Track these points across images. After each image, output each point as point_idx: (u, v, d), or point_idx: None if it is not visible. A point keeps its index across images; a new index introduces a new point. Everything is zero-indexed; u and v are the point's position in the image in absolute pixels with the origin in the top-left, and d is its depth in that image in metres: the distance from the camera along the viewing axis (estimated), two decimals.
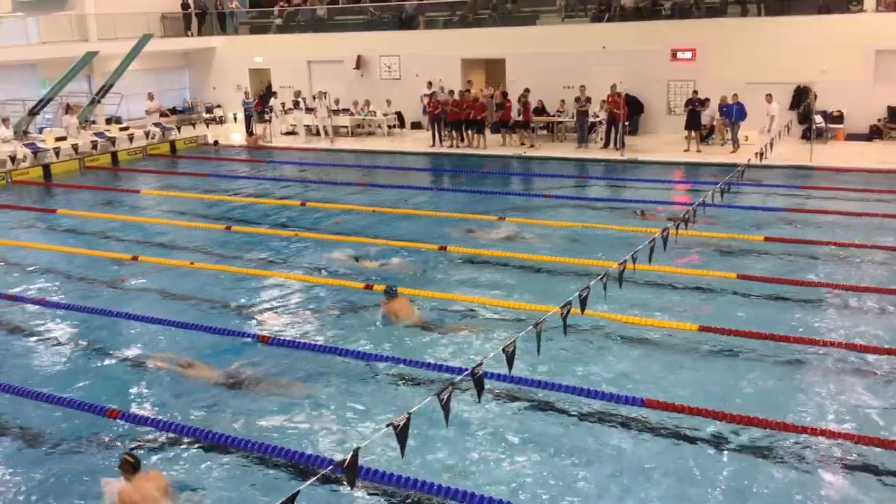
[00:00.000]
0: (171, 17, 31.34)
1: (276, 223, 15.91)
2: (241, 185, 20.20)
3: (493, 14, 26.92)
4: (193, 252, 13.95)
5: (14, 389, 8.79)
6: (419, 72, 26.50)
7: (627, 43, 23.67)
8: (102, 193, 19.72)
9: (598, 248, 13.23)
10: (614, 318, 9.99)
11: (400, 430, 5.23)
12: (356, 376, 8.95)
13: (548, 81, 24.34)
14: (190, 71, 32.44)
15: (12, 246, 14.89)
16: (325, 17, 30.12)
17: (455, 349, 9.53)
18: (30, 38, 27.18)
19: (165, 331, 10.36)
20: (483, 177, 20.13)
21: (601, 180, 19.27)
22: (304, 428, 7.90)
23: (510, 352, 6.47)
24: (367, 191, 18.84)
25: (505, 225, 14.92)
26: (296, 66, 29.18)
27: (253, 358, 9.48)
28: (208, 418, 8.13)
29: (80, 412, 8.25)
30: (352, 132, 26.99)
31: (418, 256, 13.24)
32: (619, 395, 8.03)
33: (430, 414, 7.15)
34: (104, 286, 12.41)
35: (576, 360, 9.08)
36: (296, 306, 11.23)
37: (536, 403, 8.16)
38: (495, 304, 10.81)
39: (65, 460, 7.47)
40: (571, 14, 26.02)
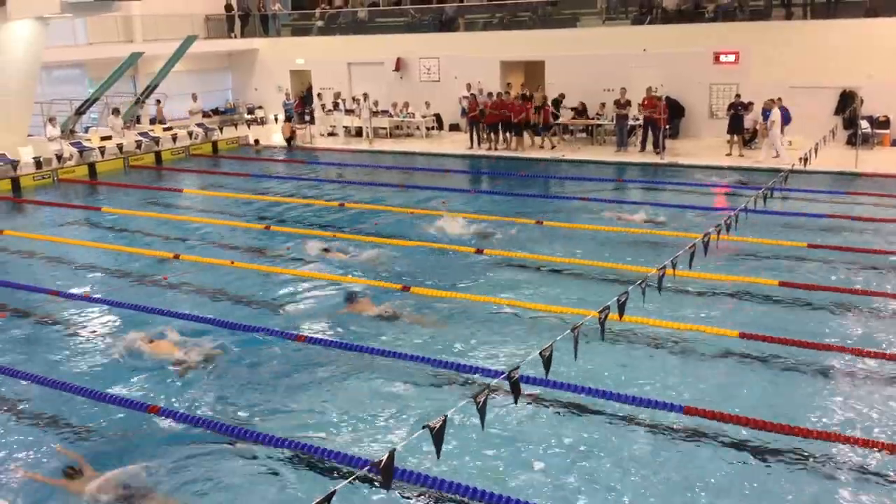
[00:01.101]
0: (214, 18, 31.79)
1: (314, 223, 16.03)
2: (280, 186, 20.40)
3: (532, 16, 26.85)
4: (234, 251, 14.11)
5: (58, 384, 8.98)
6: (458, 74, 26.54)
7: (669, 45, 23.44)
8: (146, 192, 20.06)
9: (637, 252, 13.12)
10: (653, 323, 9.89)
11: (436, 432, 5.24)
12: (392, 376, 8.97)
13: (587, 84, 24.21)
14: (232, 72, 32.85)
15: (58, 242, 15.20)
16: (365, 20, 30.30)
17: (492, 352, 9.51)
18: (77, 39, 27.78)
19: (206, 329, 10.49)
20: (521, 179, 20.07)
21: (640, 184, 19.10)
22: (341, 428, 7.95)
23: (547, 356, 6.44)
24: (405, 192, 18.89)
25: (542, 228, 14.87)
26: (336, 68, 29.40)
27: (290, 356, 9.57)
28: (245, 416, 8.22)
29: (122, 408, 8.40)
30: (390, 133, 27.11)
31: (455, 259, 13.25)
32: (658, 402, 7.94)
33: (466, 416, 7.17)
34: (147, 283, 12.61)
35: (613, 366, 9.02)
36: (332, 306, 11.29)
37: (572, 408, 8.11)
38: (533, 308, 10.77)
39: (105, 455, 7.59)
40: (612, 16, 25.85)
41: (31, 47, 21.40)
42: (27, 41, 21.21)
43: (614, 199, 17.48)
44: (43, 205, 18.83)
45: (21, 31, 20.93)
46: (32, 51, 21.51)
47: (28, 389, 8.99)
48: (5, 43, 20.76)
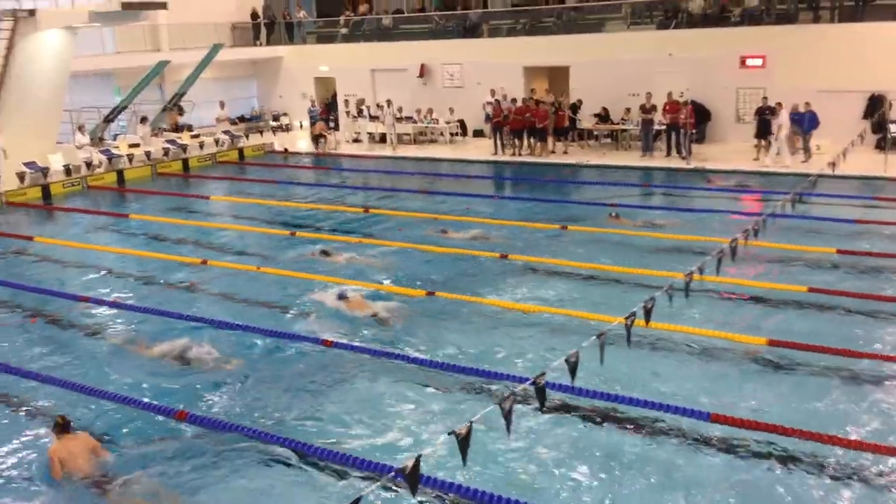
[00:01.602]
0: (240, 27, 32.09)
1: (339, 229, 16.09)
2: (305, 192, 20.52)
3: (557, 22, 26.81)
4: (259, 257, 14.20)
5: (87, 389, 9.07)
6: (482, 80, 26.55)
7: (695, 50, 23.29)
8: (173, 199, 20.26)
9: (664, 257, 13.03)
10: (680, 329, 9.81)
11: (462, 438, 5.22)
12: (418, 383, 8.97)
13: (612, 89, 24.13)
14: (258, 80, 33.13)
15: (87, 249, 15.40)
16: (389, 27, 30.43)
17: (518, 358, 9.49)
18: (105, 48, 28.17)
19: (233, 334, 10.57)
20: (545, 185, 20.02)
21: (666, 189, 18.97)
22: (367, 434, 7.95)
23: (573, 362, 6.40)
24: (428, 198, 18.90)
25: (567, 234, 14.82)
26: (360, 75, 29.54)
27: (316, 362, 9.61)
28: (271, 422, 8.25)
29: (150, 413, 8.47)
30: (414, 140, 27.18)
31: (479, 264, 13.23)
32: (684, 409, 7.87)
33: (491, 422, 7.12)
34: (174, 289, 12.72)
35: (640, 372, 8.95)
36: (359, 311, 11.30)
37: (598, 415, 8.06)
38: (558, 313, 10.72)
39: (134, 460, 7.66)
40: (637, 21, 25.74)
41: (60, 56, 21.73)
42: (56, 50, 21.54)
43: (640, 204, 17.39)
44: (72, 211, 19.08)
45: (50, 40, 21.26)
46: (61, 60, 21.84)
47: (58, 394, 9.09)
48: (35, 52, 21.10)
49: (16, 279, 13.61)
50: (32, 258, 15.17)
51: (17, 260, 15.18)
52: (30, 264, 14.83)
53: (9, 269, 14.59)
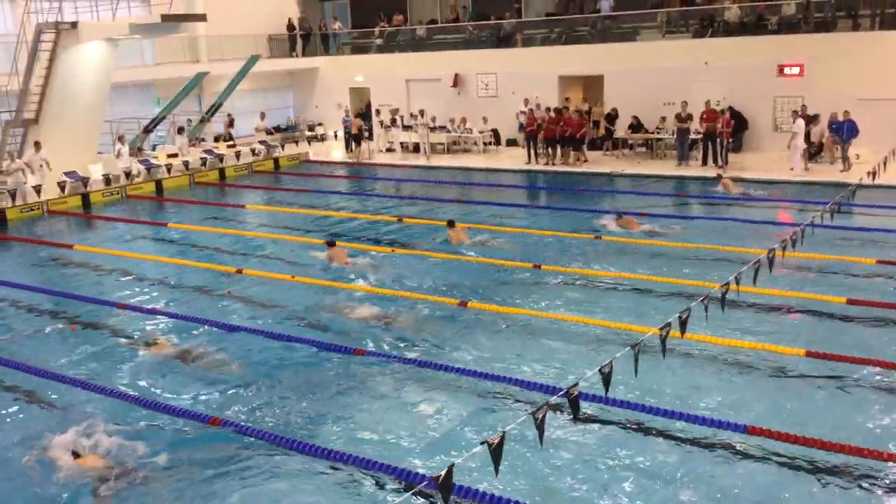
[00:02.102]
0: (277, 38, 32.48)
1: (373, 239, 16.17)
2: (339, 201, 20.66)
3: (591, 31, 26.75)
4: (294, 265, 14.31)
5: (123, 395, 9.21)
6: (516, 89, 26.56)
7: (731, 58, 23.10)
8: (210, 208, 20.52)
9: (699, 268, 12.90)
10: (716, 341, 9.70)
11: (494, 448, 5.21)
12: (451, 391, 8.97)
13: (647, 97, 24.00)
14: (294, 90, 33.50)
15: (126, 257, 15.64)
16: (424, 37, 30.59)
17: (551, 368, 9.45)
18: (145, 60, 28.69)
19: (266, 342, 10.66)
20: (579, 195, 19.95)
21: (702, 199, 18.78)
22: (399, 442, 7.97)
23: (607, 373, 6.36)
24: (462, 208, 18.92)
25: (601, 244, 14.74)
26: (394, 85, 29.72)
27: (348, 370, 9.65)
28: (303, 430, 8.29)
29: (185, 420, 8.57)
30: (448, 149, 27.26)
31: (512, 274, 13.21)
32: (721, 421, 7.77)
33: (524, 432, 7.11)
34: (211, 297, 12.87)
35: (674, 384, 8.86)
36: (392, 320, 11.35)
37: (632, 426, 7.99)
38: (592, 323, 10.66)
39: (169, 469, 7.75)
40: (673, 29, 25.59)
41: (101, 68, 22.16)
42: (97, 62, 21.97)
43: (674, 213, 17.23)
44: (112, 220, 19.42)
45: (92, 52, 21.70)
46: (102, 71, 22.28)
47: (95, 400, 9.23)
48: (77, 64, 21.54)
49: (56, 286, 13.87)
50: (72, 266, 15.45)
51: (58, 267, 15.47)
52: (69, 272, 15.12)
53: (49, 276, 14.88)
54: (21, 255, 16.69)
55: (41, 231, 18.76)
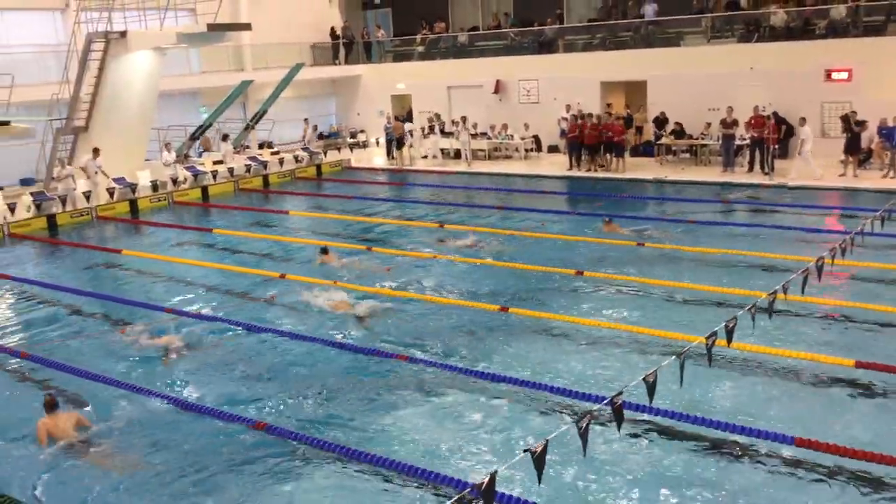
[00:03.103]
0: (320, 46, 32.82)
1: (414, 245, 16.21)
2: (381, 207, 20.77)
3: (634, 36, 26.56)
4: (336, 272, 14.39)
5: (170, 399, 9.36)
6: (557, 95, 26.47)
7: (777, 63, 22.74)
8: (254, 214, 20.78)
9: (746, 276, 12.71)
10: (763, 350, 9.54)
11: (537, 456, 5.19)
12: (493, 399, 8.95)
13: (691, 103, 23.75)
14: (336, 98, 33.82)
15: (172, 262, 15.90)
16: (465, 44, 30.66)
17: (594, 376, 9.37)
18: (192, 68, 29.20)
19: (310, 346, 10.75)
20: (621, 201, 19.79)
21: (748, 205, 18.49)
22: (441, 449, 7.97)
23: (651, 382, 6.30)
24: (503, 214, 18.90)
25: (644, 251, 14.60)
26: (436, 92, 29.82)
27: (392, 376, 9.69)
28: (347, 435, 8.33)
29: (230, 423, 8.67)
30: (489, 156, 27.26)
31: (553, 281, 13.15)
32: (767, 432, 7.63)
33: (567, 441, 7.05)
34: (254, 302, 13.02)
35: (720, 394, 8.73)
36: (434, 326, 11.38)
37: (676, 437, 7.89)
38: (635, 332, 10.55)
39: (212, 471, 7.85)
40: (718, 34, 25.29)
41: (149, 76, 22.64)
42: (146, 71, 22.45)
43: (720, 220, 17.01)
44: (159, 226, 19.77)
45: (140, 61, 22.18)
46: (150, 79, 22.75)
47: (140, 402, 9.39)
48: (126, 72, 22.02)
49: (105, 290, 14.15)
50: (120, 270, 15.77)
51: (106, 272, 15.80)
52: (118, 276, 15.42)
53: (98, 280, 15.20)
54: (71, 260, 17.07)
55: (90, 236, 19.18)
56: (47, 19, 26.21)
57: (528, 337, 10.78)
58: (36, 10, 25.75)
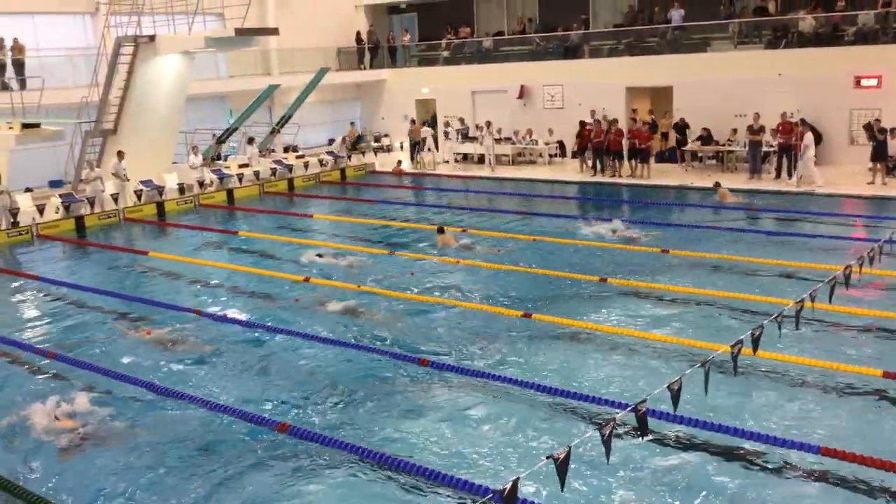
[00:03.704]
0: (346, 51, 33.00)
1: (437, 249, 16.20)
2: (404, 211, 20.82)
3: (660, 41, 26.44)
4: (360, 275, 14.45)
5: (195, 399, 9.44)
6: (582, 101, 26.40)
7: (805, 69, 22.54)
8: (279, 217, 20.92)
9: (772, 284, 12.60)
10: (789, 359, 9.44)
11: (560, 462, 5.18)
12: (516, 404, 8.94)
13: (717, 109, 23.61)
14: (361, 102, 33.98)
15: (198, 264, 16.04)
16: (490, 49, 30.69)
17: (617, 383, 9.34)
18: (219, 73, 29.48)
19: (332, 350, 10.81)
20: (646, 207, 19.69)
21: (775, 213, 18.32)
22: (464, 454, 7.96)
23: (676, 390, 6.26)
24: (527, 219, 18.86)
25: (669, 258, 14.52)
26: (461, 97, 29.87)
27: (412, 380, 9.71)
28: (369, 438, 8.36)
29: (252, 424, 8.73)
30: (513, 161, 27.24)
31: (577, 287, 13.11)
32: (792, 441, 7.55)
33: (590, 447, 7.04)
34: (279, 305, 13.10)
35: (745, 403, 8.65)
36: (455, 331, 11.38)
37: (700, 445, 7.83)
38: (659, 339, 10.50)
39: (234, 471, 7.90)
40: (745, 40, 25.11)
41: (177, 80, 22.88)
42: (174, 74, 22.70)
43: (746, 228, 16.87)
44: (185, 228, 19.96)
45: (169, 65, 22.43)
46: (179, 83, 22.99)
47: (166, 403, 9.49)
48: (154, 76, 22.28)
49: (131, 291, 14.30)
50: (147, 272, 15.94)
51: (133, 273, 15.97)
52: (144, 277, 15.59)
53: (125, 281, 15.36)
54: (98, 261, 17.28)
55: (118, 238, 19.40)
56: (77, 23, 26.62)
57: (550, 343, 10.76)
58: (66, 13, 26.15)
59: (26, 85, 22.88)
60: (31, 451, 8.52)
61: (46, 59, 24.65)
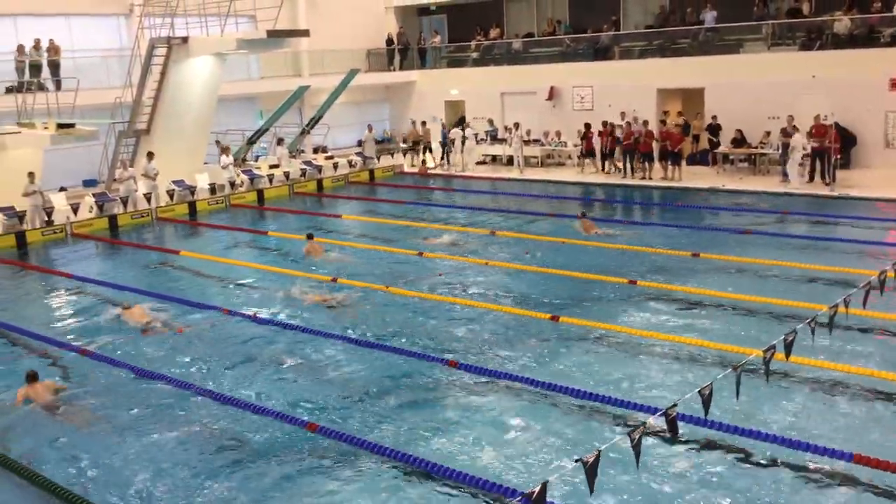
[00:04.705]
0: (375, 52, 33.13)
1: (465, 251, 16.23)
2: (433, 213, 20.83)
3: (692, 43, 26.21)
4: (388, 276, 14.48)
5: (225, 399, 9.52)
6: (612, 102, 26.26)
7: (840, 72, 22.22)
8: (308, 218, 21.04)
9: (805, 289, 12.43)
10: (821, 365, 9.31)
11: (589, 466, 5.15)
12: (545, 407, 8.90)
13: (750, 111, 23.36)
14: (390, 103, 34.07)
15: (228, 264, 16.17)
16: (520, 50, 30.64)
17: (647, 387, 9.26)
18: (251, 74, 29.73)
19: (362, 351, 10.84)
20: (677, 210, 19.51)
21: (808, 217, 18.07)
22: (492, 457, 7.94)
23: (707, 394, 6.20)
24: (555, 222, 18.78)
25: (699, 261, 14.39)
26: (489, 98, 29.85)
27: (442, 383, 9.71)
28: (396, 439, 8.37)
29: (282, 423, 8.79)
30: (542, 162, 27.15)
31: (606, 290, 13.03)
32: (825, 448, 7.44)
33: (619, 451, 6.98)
34: (308, 305, 13.14)
35: (776, 409, 8.54)
36: (483, 333, 11.37)
37: (732, 451, 7.74)
38: (690, 343, 10.40)
39: (263, 468, 7.96)
40: (779, 42, 24.81)
41: (209, 81, 23.11)
42: (206, 75, 22.93)
43: (778, 231, 16.66)
44: (216, 228, 20.14)
45: (201, 66, 22.65)
46: (211, 84, 23.22)
47: (202, 403, 9.58)
48: (187, 77, 22.52)
49: (164, 290, 14.45)
50: (178, 270, 16.11)
51: (165, 271, 16.15)
52: (176, 276, 15.76)
53: (157, 280, 15.54)
54: (131, 260, 17.49)
55: (150, 237, 19.63)
56: (112, 25, 27.02)
57: (578, 346, 10.71)
58: (101, 15, 26.54)
59: (61, 86, 23.27)
60: (56, 441, 8.66)
61: (81, 61, 25.05)
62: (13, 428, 9.25)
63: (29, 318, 13.25)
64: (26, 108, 20.58)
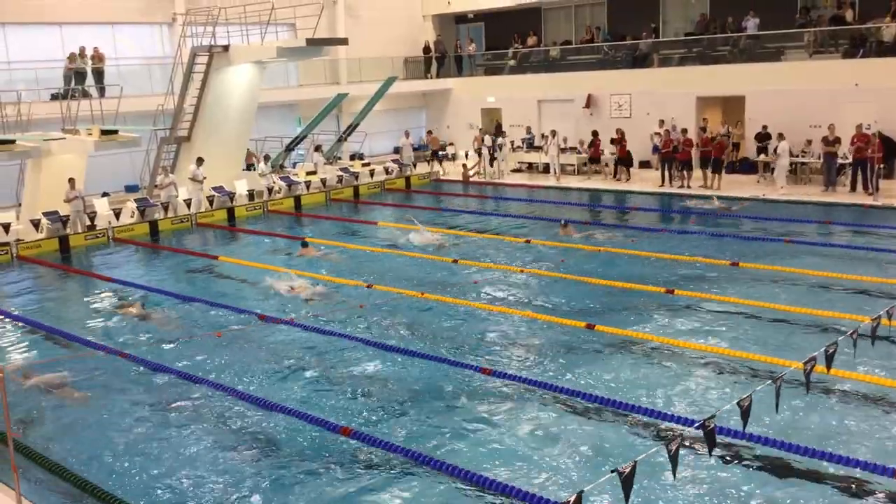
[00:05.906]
0: (412, 60, 33.27)
1: (500, 259, 16.19)
2: (468, 220, 20.82)
3: (733, 50, 25.91)
4: (422, 283, 14.50)
5: (260, 402, 9.60)
6: (650, 110, 26.05)
7: (884, 79, 21.78)
8: (344, 224, 21.17)
9: (846, 299, 12.20)
10: (862, 378, 9.12)
11: (625, 477, 5.10)
12: (580, 416, 8.84)
13: (791, 120, 22.96)
14: (427, 111, 34.18)
15: (266, 269, 16.32)
16: (557, 58, 30.55)
17: (684, 398, 9.15)
18: (290, 82, 30.05)
19: (394, 357, 10.87)
20: (716, 219, 19.28)
21: (850, 227, 17.72)
22: (527, 466, 7.90)
23: (746, 406, 6.10)
24: (591, 229, 18.66)
25: (738, 271, 14.19)
26: (526, 106, 29.81)
27: (476, 389, 9.69)
28: (429, 445, 8.37)
29: (316, 427, 8.83)
30: (578, 170, 27.02)
31: (643, 299, 12.91)
32: (868, 463, 7.28)
33: (655, 463, 6.90)
34: (343, 311, 13.23)
35: (817, 422, 8.38)
36: (518, 340, 11.33)
37: (770, 464, 7.61)
38: (729, 354, 10.25)
39: (296, 471, 8.00)
40: (821, 49, 24.42)
41: (249, 89, 23.41)
42: (246, 83, 23.23)
43: (819, 241, 16.38)
44: (254, 233, 20.35)
45: (241, 74, 22.96)
46: (251, 92, 23.52)
47: (238, 406, 9.67)
48: (227, 85, 22.83)
49: (203, 294, 14.63)
50: (217, 276, 16.30)
51: (204, 276, 16.36)
52: (215, 281, 15.95)
53: (197, 284, 15.75)
54: (171, 265, 17.75)
55: (189, 242, 19.90)
56: (154, 33, 27.51)
57: (614, 355, 10.62)
58: (144, 24, 27.03)
59: (105, 93, 23.73)
60: (96, 441, 8.80)
61: (125, 68, 25.54)
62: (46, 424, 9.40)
63: (69, 321, 13.52)
64: (71, 115, 21.01)
